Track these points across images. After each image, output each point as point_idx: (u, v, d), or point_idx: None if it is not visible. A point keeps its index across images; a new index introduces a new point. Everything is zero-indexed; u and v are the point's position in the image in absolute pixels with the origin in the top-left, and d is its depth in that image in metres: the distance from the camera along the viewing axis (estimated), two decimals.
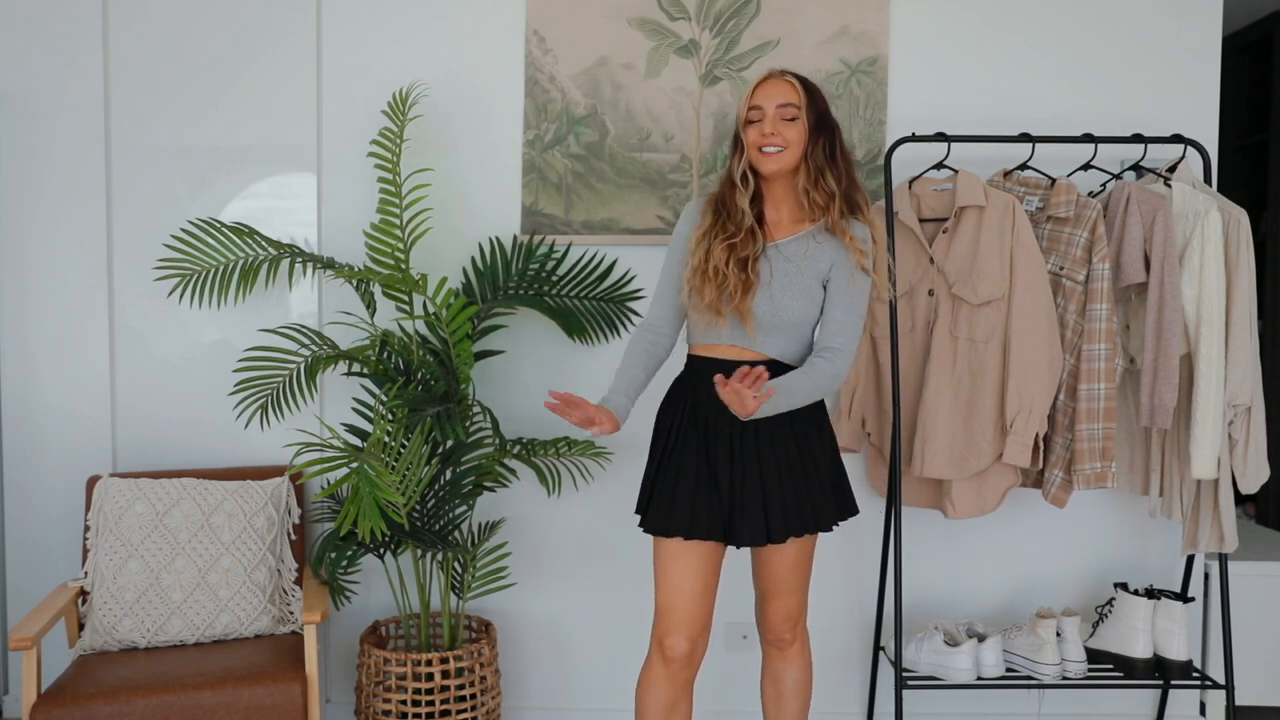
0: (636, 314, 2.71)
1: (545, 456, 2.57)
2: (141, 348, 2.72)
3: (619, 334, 2.71)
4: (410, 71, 2.65)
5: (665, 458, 2.06)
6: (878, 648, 2.71)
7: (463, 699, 2.43)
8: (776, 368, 2.01)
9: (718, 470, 2.01)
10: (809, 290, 1.99)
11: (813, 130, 1.99)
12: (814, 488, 2.04)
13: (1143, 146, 2.55)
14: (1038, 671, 2.43)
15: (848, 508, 2.12)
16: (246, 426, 2.48)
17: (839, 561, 2.78)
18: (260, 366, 2.40)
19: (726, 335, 2.03)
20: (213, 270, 2.56)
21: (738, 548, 2.05)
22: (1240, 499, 3.71)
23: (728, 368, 1.97)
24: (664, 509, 2.01)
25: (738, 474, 2.00)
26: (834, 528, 2.08)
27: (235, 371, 2.44)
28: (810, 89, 2.01)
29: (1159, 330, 2.36)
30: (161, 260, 2.62)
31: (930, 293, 2.49)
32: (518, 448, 2.54)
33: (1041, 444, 2.44)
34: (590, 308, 2.65)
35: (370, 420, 2.52)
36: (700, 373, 2.05)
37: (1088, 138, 2.50)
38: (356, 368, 2.56)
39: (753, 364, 1.94)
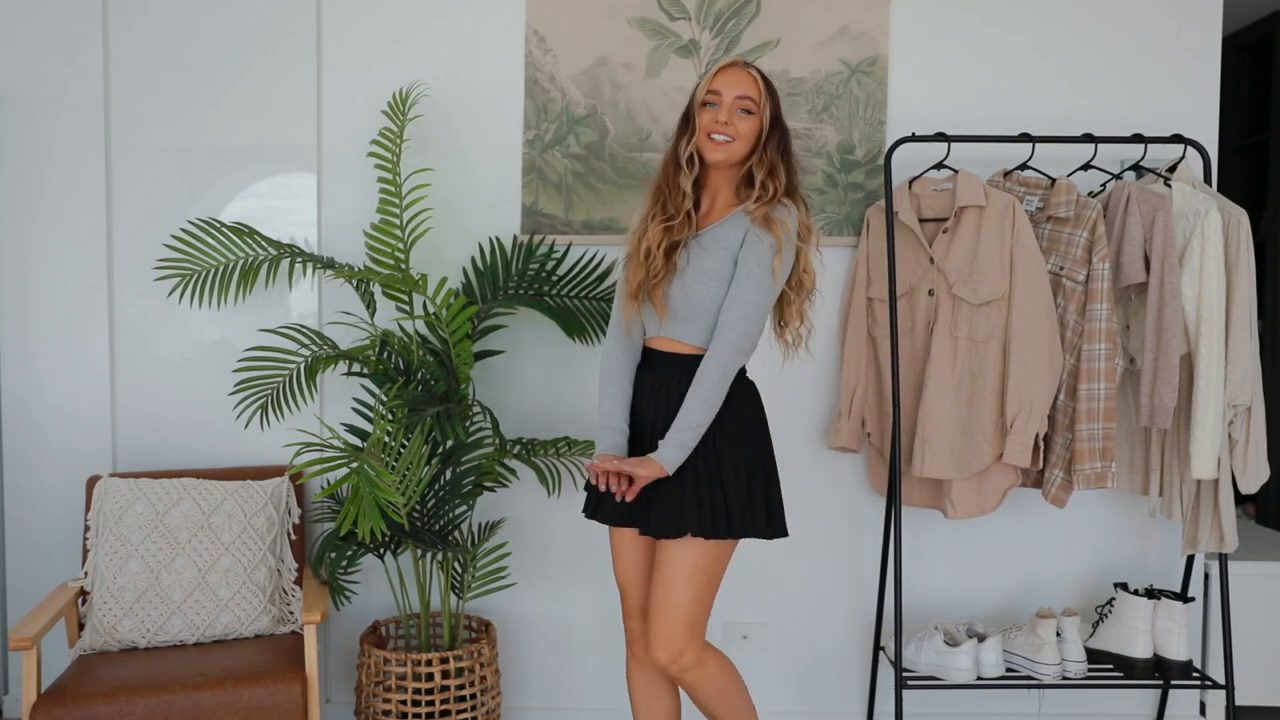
0: None
1: (545, 456, 2.57)
2: (141, 348, 2.72)
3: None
4: (410, 71, 2.65)
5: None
6: (878, 648, 2.71)
7: (463, 699, 2.43)
8: (696, 362, 1.97)
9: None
10: (716, 272, 1.95)
11: (769, 127, 1.98)
12: (720, 494, 1.94)
13: (1143, 146, 2.55)
14: (1038, 671, 2.43)
15: (755, 525, 1.97)
16: (246, 426, 2.48)
17: (839, 561, 2.78)
18: (260, 366, 2.40)
19: (654, 326, 2.03)
20: (213, 270, 2.55)
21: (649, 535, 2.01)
22: (1240, 499, 3.71)
23: (663, 360, 2.02)
24: (591, 493, 2.10)
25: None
26: (715, 538, 1.94)
27: (235, 371, 2.44)
28: (770, 87, 2.00)
29: (1159, 330, 2.36)
30: (161, 260, 2.62)
31: (930, 293, 2.49)
32: (518, 448, 2.54)
33: (1041, 444, 2.44)
34: (590, 308, 2.64)
35: (370, 420, 2.52)
36: (639, 371, 2.08)
37: (1088, 138, 2.50)
38: (356, 368, 2.56)
39: (680, 356, 1.99)
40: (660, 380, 2.02)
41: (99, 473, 2.62)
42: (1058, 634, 2.45)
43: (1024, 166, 2.53)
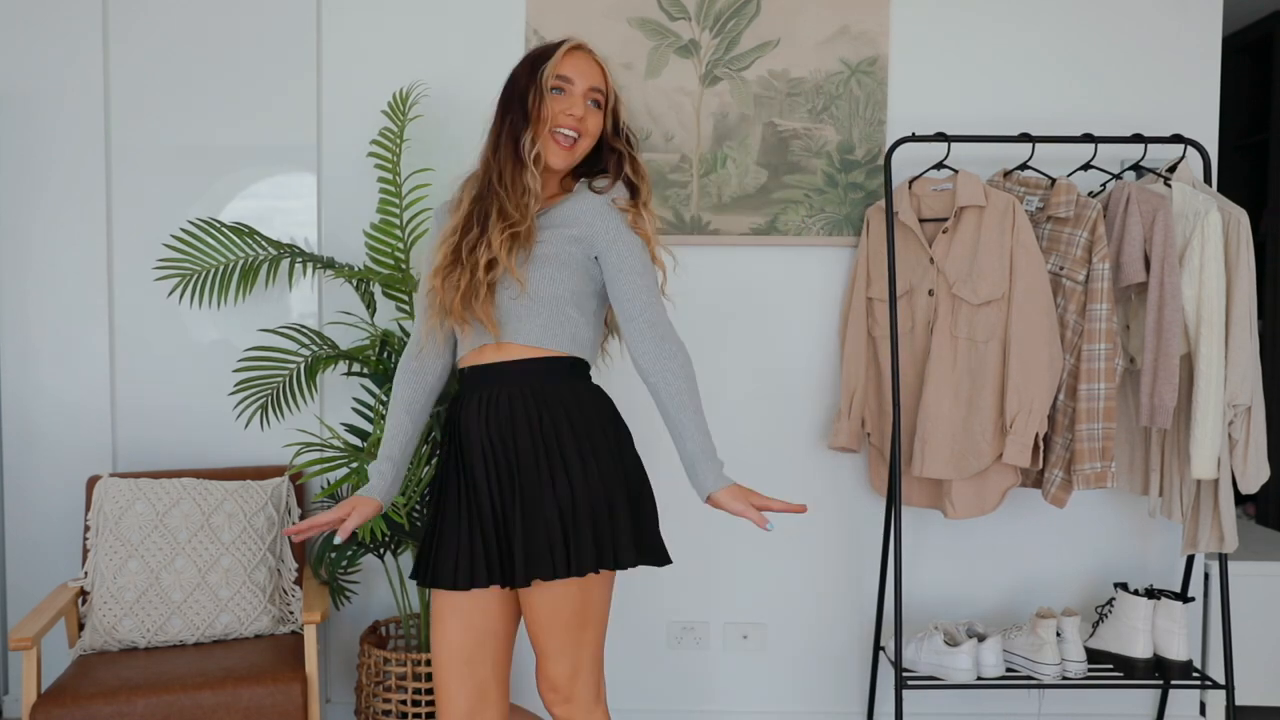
0: None
1: None
2: (141, 348, 2.73)
3: (618, 334, 2.70)
4: (410, 71, 2.65)
5: (438, 495, 1.75)
6: (878, 648, 2.71)
7: None
8: (535, 368, 1.69)
9: (480, 503, 1.69)
10: (558, 258, 1.69)
11: (613, 124, 1.78)
12: (572, 524, 1.64)
13: (1143, 146, 2.55)
14: (1038, 671, 2.43)
15: (621, 552, 1.67)
16: (246, 426, 2.48)
17: (839, 561, 2.78)
18: (260, 366, 2.40)
19: (475, 338, 1.73)
20: (213, 270, 2.56)
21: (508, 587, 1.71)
22: (1240, 499, 3.71)
23: (490, 375, 1.71)
24: (441, 555, 1.70)
25: (497, 503, 1.68)
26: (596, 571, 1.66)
27: (235, 371, 2.44)
28: (607, 73, 1.78)
29: (1159, 330, 2.36)
30: (161, 260, 2.62)
31: (930, 293, 2.49)
32: None
33: (1041, 444, 2.44)
34: None
35: (370, 420, 2.52)
36: (464, 389, 1.76)
37: (1088, 138, 2.50)
38: (356, 367, 2.56)
39: (517, 362, 1.69)
40: (495, 393, 1.69)
41: (99, 472, 2.62)
42: (1058, 634, 2.45)
43: (1024, 166, 2.53)
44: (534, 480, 1.65)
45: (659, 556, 1.76)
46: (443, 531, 1.70)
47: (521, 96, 1.71)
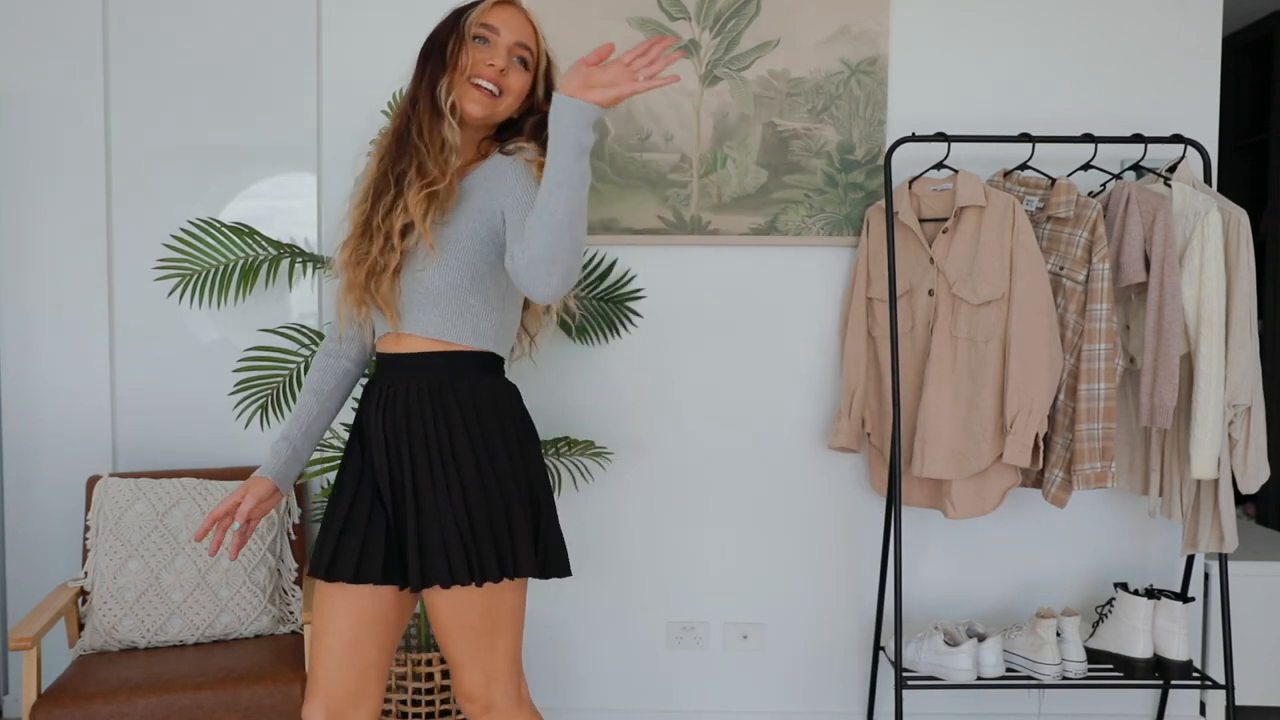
0: (637, 314, 2.71)
1: (545, 456, 2.57)
2: (141, 347, 2.73)
3: (619, 334, 2.71)
4: (410, 71, 2.64)
5: (341, 481, 1.67)
6: (878, 647, 2.71)
7: None
8: (434, 362, 1.58)
9: (381, 498, 1.62)
10: (461, 242, 1.56)
11: (545, 83, 1.67)
12: (470, 531, 1.54)
13: (1143, 146, 2.55)
14: (1038, 671, 2.43)
15: (521, 561, 1.56)
16: (246, 426, 2.48)
17: (839, 561, 2.78)
18: (260, 366, 2.41)
19: (385, 323, 1.63)
20: (213, 270, 2.56)
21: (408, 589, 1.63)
22: (1240, 499, 3.71)
23: (392, 366, 1.62)
24: (337, 545, 1.61)
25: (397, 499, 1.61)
26: (485, 582, 1.55)
27: (235, 371, 2.44)
28: (540, 37, 1.67)
29: (1159, 330, 2.36)
30: (161, 260, 2.62)
31: (930, 293, 2.50)
32: None
33: (1041, 444, 2.44)
34: (590, 308, 2.65)
35: None
36: (371, 379, 1.68)
37: (1088, 138, 2.50)
38: None
39: (416, 355, 1.59)
40: (394, 387, 1.60)
41: (99, 472, 2.63)
42: (1058, 634, 2.45)
43: (1024, 166, 2.53)
44: (428, 484, 1.56)
45: (560, 568, 1.64)
46: (345, 521, 1.61)
47: (442, 45, 1.61)
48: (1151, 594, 2.48)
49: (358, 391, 2.43)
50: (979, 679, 2.44)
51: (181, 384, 2.73)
